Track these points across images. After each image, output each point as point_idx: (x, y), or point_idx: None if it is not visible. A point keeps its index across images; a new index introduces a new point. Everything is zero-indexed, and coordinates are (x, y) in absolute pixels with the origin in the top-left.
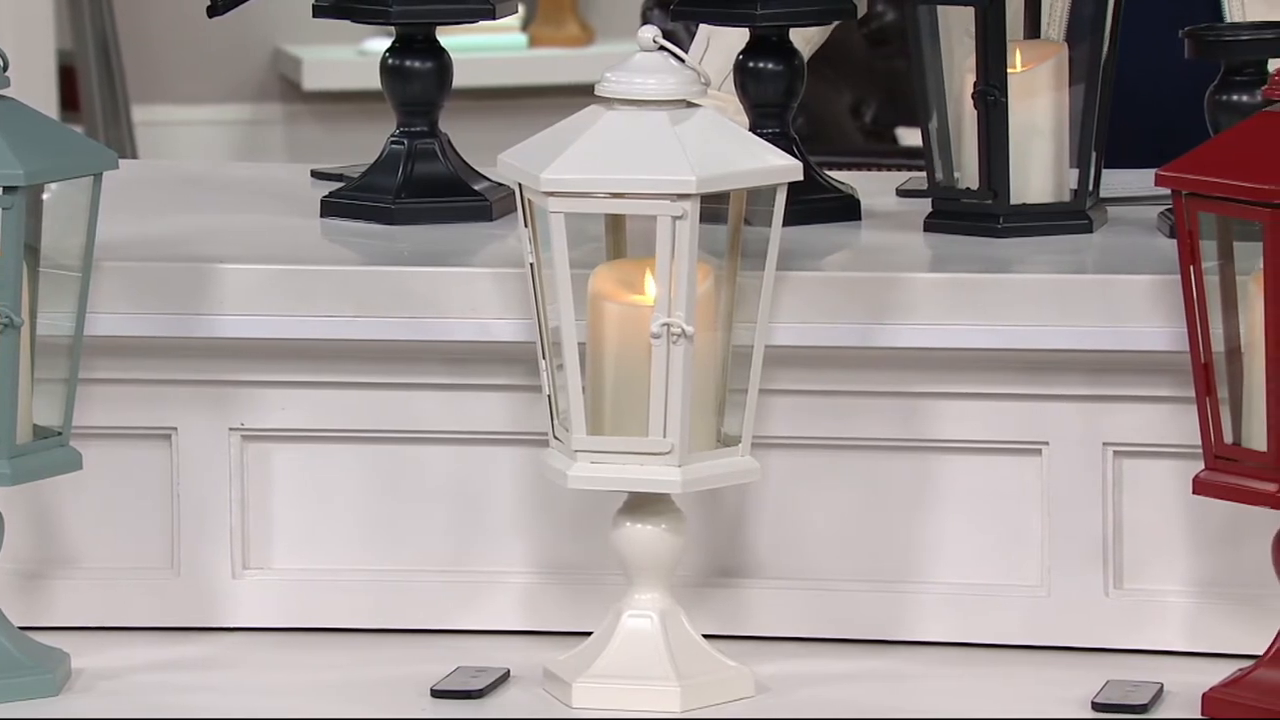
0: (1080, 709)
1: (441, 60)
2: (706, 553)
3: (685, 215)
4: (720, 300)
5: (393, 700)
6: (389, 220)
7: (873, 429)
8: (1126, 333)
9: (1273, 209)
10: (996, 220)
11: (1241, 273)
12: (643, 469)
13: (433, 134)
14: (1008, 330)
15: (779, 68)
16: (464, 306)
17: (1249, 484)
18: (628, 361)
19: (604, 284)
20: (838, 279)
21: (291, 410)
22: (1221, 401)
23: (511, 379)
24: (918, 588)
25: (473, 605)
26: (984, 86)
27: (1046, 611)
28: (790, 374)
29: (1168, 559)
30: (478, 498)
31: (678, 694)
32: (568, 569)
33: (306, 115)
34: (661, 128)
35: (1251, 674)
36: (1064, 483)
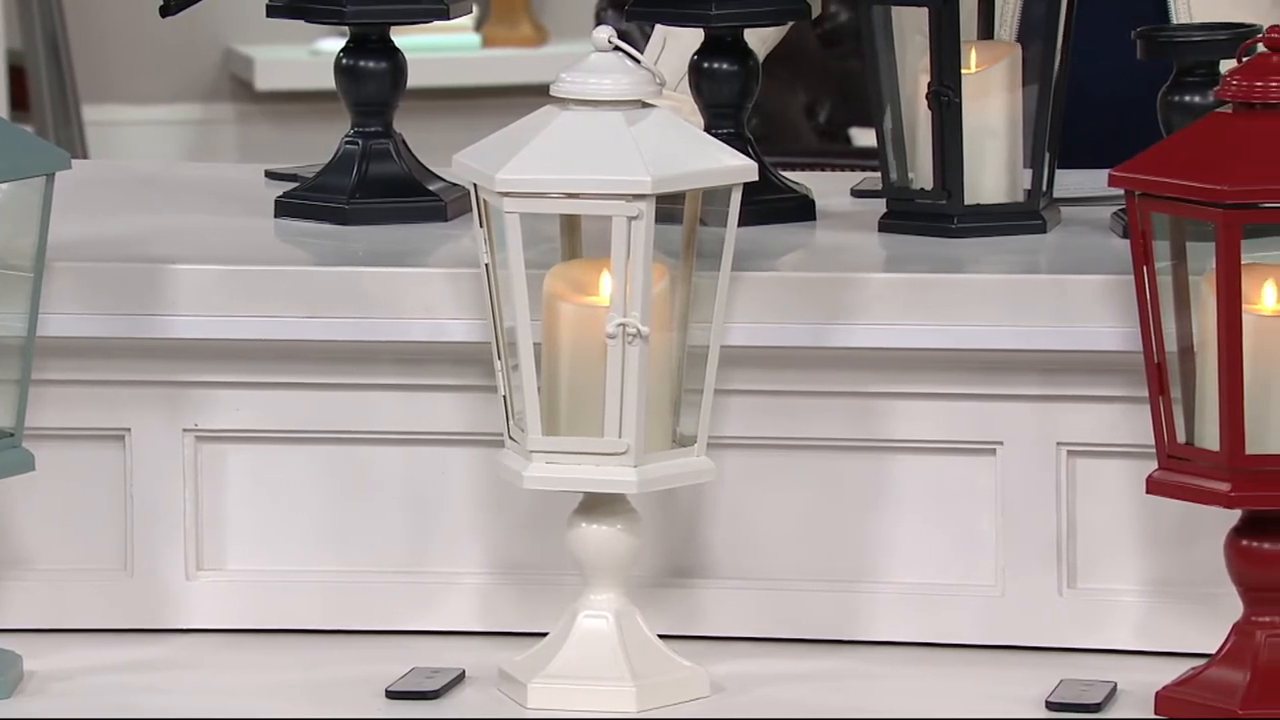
0: (1034, 708)
1: (396, 60)
2: (662, 553)
3: (640, 215)
4: (675, 300)
5: (348, 701)
6: (343, 220)
7: (827, 429)
8: (1080, 333)
9: (1225, 209)
10: (951, 220)
11: (1194, 273)
12: (598, 469)
13: (387, 134)
14: (962, 330)
15: (734, 68)
16: (419, 307)
17: (1202, 483)
18: (583, 362)
19: (559, 284)
20: (793, 279)
21: (245, 411)
22: (1174, 401)
23: (466, 379)
24: (872, 588)
25: (428, 606)
26: (938, 87)
27: (1001, 611)
28: (745, 374)
29: (1121, 558)
30: (433, 498)
31: (633, 694)
32: (523, 569)
33: (258, 115)
34: (617, 128)
35: (1204, 673)
36: (1018, 482)
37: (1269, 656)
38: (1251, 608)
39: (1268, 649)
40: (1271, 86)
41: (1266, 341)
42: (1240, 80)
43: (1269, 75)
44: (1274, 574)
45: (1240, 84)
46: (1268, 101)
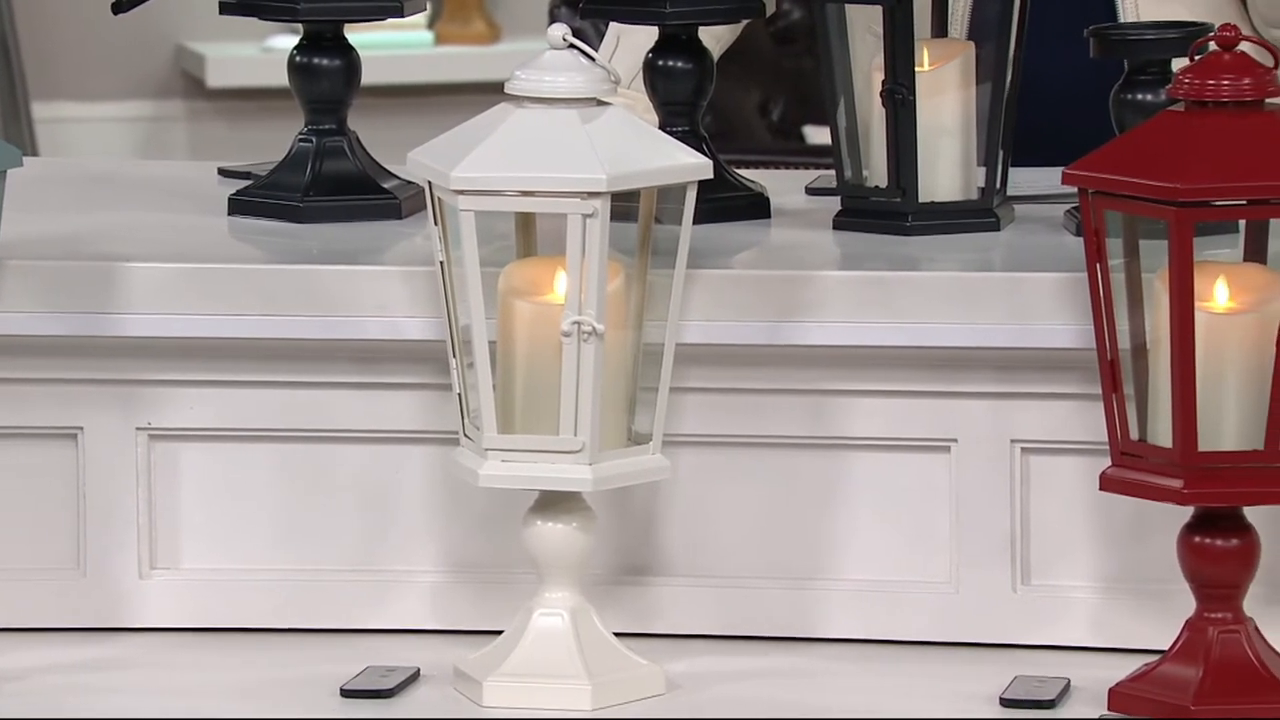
0: (988, 705)
1: (350, 58)
2: (617, 551)
3: (596, 213)
4: (631, 298)
5: (302, 700)
6: (297, 219)
7: (782, 427)
8: (1033, 330)
9: (1178, 207)
10: (905, 218)
11: (1147, 270)
12: (553, 467)
13: (341, 132)
14: (916, 328)
15: (688, 66)
16: (374, 305)
17: (1154, 480)
18: (538, 360)
19: (514, 282)
20: (747, 277)
21: (199, 409)
22: (1127, 398)
23: (421, 377)
24: (827, 585)
25: (383, 604)
26: (892, 85)
27: (955, 608)
28: (700, 372)
29: (1075, 555)
30: (388, 496)
31: (589, 692)
32: (478, 567)
33: (210, 112)
34: (571, 126)
35: (1157, 668)
36: (972, 480)
37: (1221, 652)
38: (1204, 604)
39: (1220, 645)
40: (1223, 85)
41: (1218, 339)
42: (1192, 79)
43: (1220, 74)
44: (1226, 570)
45: (1192, 82)
46: (1219, 100)
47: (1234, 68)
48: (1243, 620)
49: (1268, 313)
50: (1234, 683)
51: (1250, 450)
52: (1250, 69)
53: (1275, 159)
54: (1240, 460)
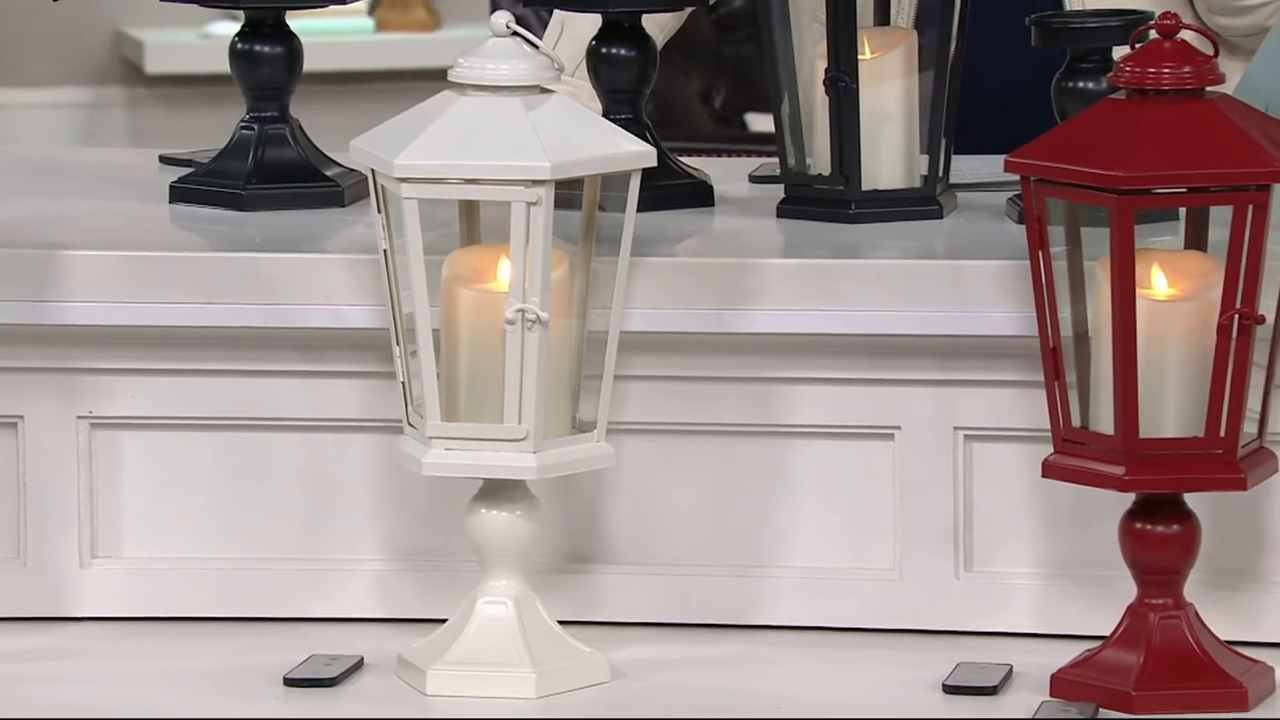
0: (931, 691)
1: (291, 45)
2: (561, 538)
3: (540, 201)
4: (575, 286)
5: (245, 689)
6: (239, 206)
7: (726, 414)
8: (976, 318)
9: (1119, 195)
10: (848, 206)
11: (1089, 258)
12: (498, 455)
13: (283, 119)
14: (859, 315)
15: (632, 54)
16: (317, 293)
17: (1096, 467)
18: (482, 348)
19: (458, 270)
20: (691, 264)
21: (141, 398)
22: (1069, 385)
23: (365, 365)
24: (771, 572)
25: (326, 593)
26: (835, 73)
27: (898, 594)
28: (644, 359)
29: (1017, 542)
30: (331, 485)
31: (533, 680)
32: (422, 556)
33: (149, 99)
34: (515, 114)
35: (1099, 654)
36: (915, 467)
37: (1162, 638)
38: (1145, 590)
39: (1161, 631)
40: (1164, 73)
41: (1159, 326)
42: (1133, 67)
43: (1161, 62)
44: (1167, 557)
45: (1133, 71)
46: (1160, 88)
47: (1175, 56)
48: (1183, 606)
49: (1208, 300)
50: (1175, 668)
51: (1191, 437)
52: (1191, 57)
53: (1215, 147)
54: (1181, 447)
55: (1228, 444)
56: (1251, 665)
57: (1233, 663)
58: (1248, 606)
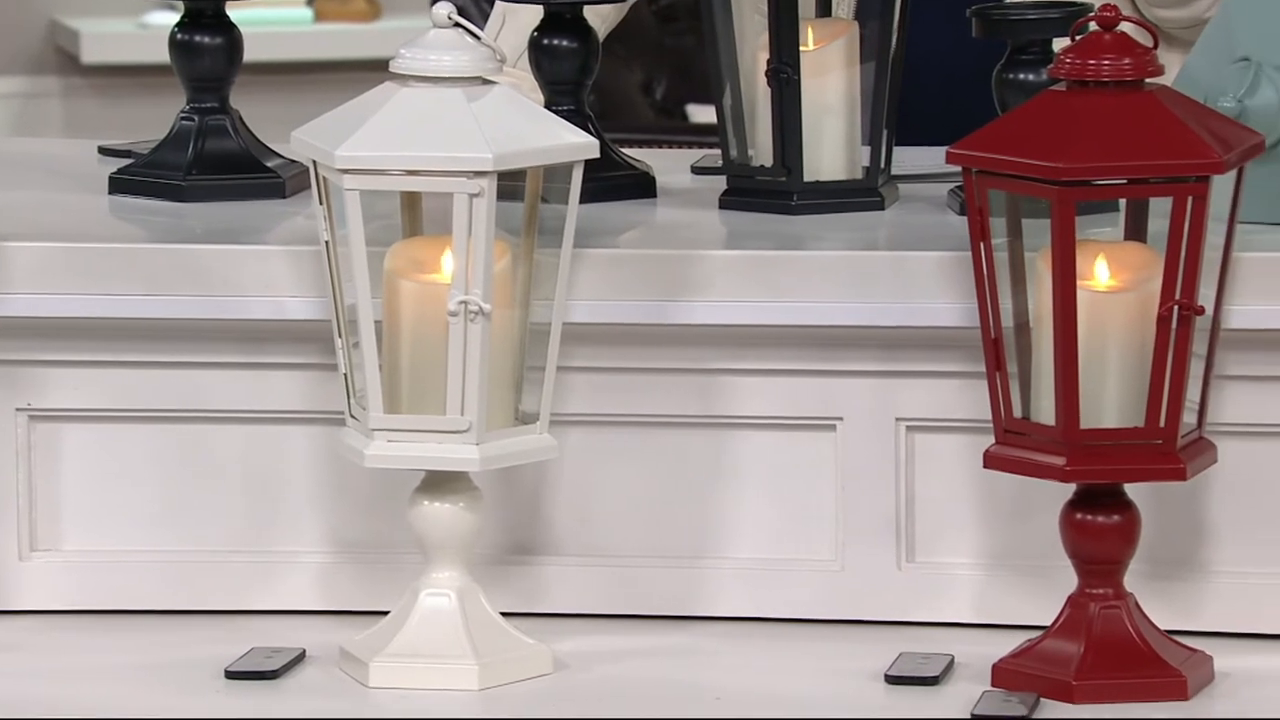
0: (873, 681)
1: (231, 35)
2: (504, 530)
3: (482, 193)
4: (517, 278)
5: (186, 682)
6: (179, 197)
7: (669, 405)
8: (918, 309)
9: (1060, 186)
10: (790, 198)
11: (1030, 249)
12: (440, 447)
13: (223, 110)
14: (801, 307)
15: (574, 45)
16: (258, 284)
17: (1037, 458)
18: (425, 339)
19: (400, 262)
20: (634, 256)
21: (80, 390)
22: (1011, 376)
23: (307, 357)
24: (713, 563)
25: (268, 585)
26: (776, 64)
27: (840, 585)
28: (587, 351)
29: (959, 532)
30: (273, 477)
31: (475, 672)
32: (364, 548)
33: (85, 89)
34: (457, 105)
35: (1039, 644)
36: (857, 458)
37: (1102, 628)
38: (1085, 580)
39: (1101, 620)
40: (1104, 65)
41: (1100, 317)
42: (1073, 58)
43: (1101, 53)
44: (1107, 547)
45: (1073, 62)
46: (1100, 80)
47: (1114, 48)
48: (1123, 596)
49: (1148, 291)
50: (1115, 658)
51: (1131, 427)
52: (1130, 49)
53: (1155, 139)
54: (1121, 437)
55: (1167, 434)
56: (1191, 654)
57: (1172, 652)
58: (1187, 596)
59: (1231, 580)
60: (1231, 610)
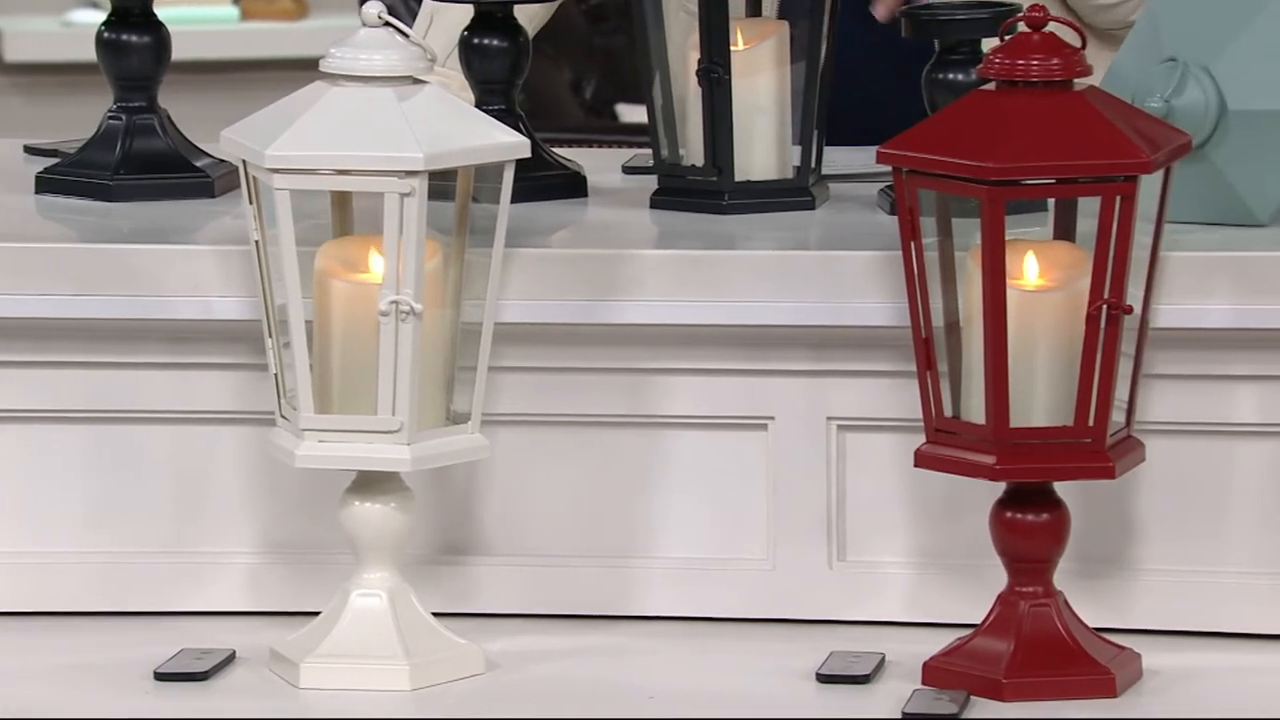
0: (805, 680)
1: (159, 34)
2: (435, 530)
3: (413, 192)
4: (449, 277)
5: (115, 684)
6: (107, 197)
7: (600, 405)
8: (848, 308)
9: (989, 186)
10: (721, 197)
11: (960, 248)
12: (371, 447)
13: (152, 109)
14: (733, 306)
15: (504, 44)
16: (187, 284)
17: (968, 456)
18: (355, 339)
19: (330, 262)
20: (565, 255)
21: (8, 390)
22: (941, 375)
23: (236, 357)
24: (645, 563)
25: (197, 586)
26: (707, 64)
27: (771, 584)
28: (518, 351)
29: (890, 531)
30: (202, 478)
31: (407, 672)
32: (295, 548)
33: (8, 88)
34: (388, 104)
35: (970, 643)
36: (788, 457)
37: (1032, 626)
38: (1015, 578)
39: (1031, 619)
40: (1033, 65)
41: (1029, 316)
42: (1002, 59)
43: (1030, 54)
44: (1037, 545)
45: (1002, 62)
46: (1029, 80)
47: (1043, 48)
48: (1053, 594)
49: (1076, 290)
50: (1044, 656)
51: (1060, 426)
52: (1059, 49)
53: (1084, 138)
54: (1050, 436)
55: (1096, 433)
56: (1119, 652)
57: (1101, 649)
58: (1115, 594)
59: (1159, 578)
60: (1159, 607)
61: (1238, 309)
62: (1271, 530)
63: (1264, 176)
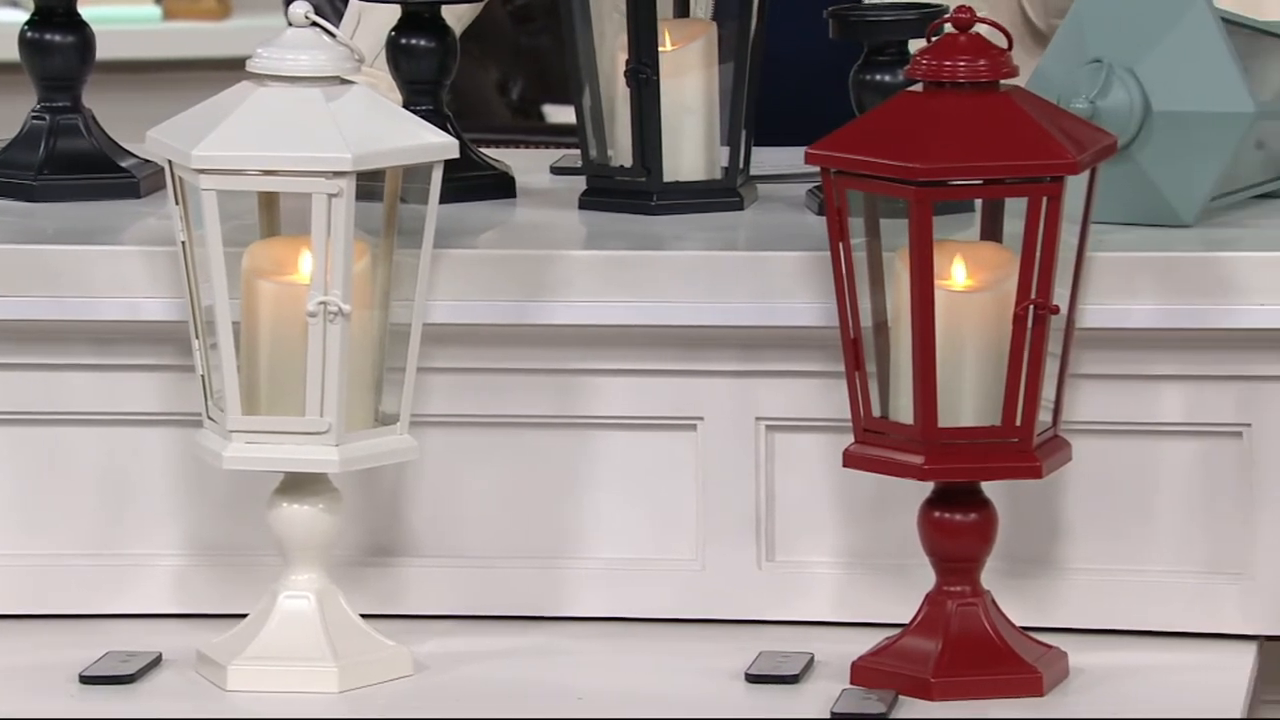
0: (734, 680)
1: (83, 34)
2: (364, 532)
3: (341, 193)
4: (377, 278)
5: (40, 688)
6: (30, 197)
7: (529, 406)
8: (777, 309)
9: (917, 187)
10: (650, 198)
11: (888, 249)
12: (299, 449)
13: (76, 109)
14: (661, 307)
15: (432, 45)
16: (112, 285)
17: (896, 456)
18: (283, 341)
19: (258, 262)
20: (494, 256)
21: None
22: (870, 376)
23: (163, 359)
24: (574, 563)
25: (122, 589)
26: (635, 65)
27: (700, 585)
28: (447, 352)
29: (818, 531)
30: (128, 480)
31: (335, 674)
32: (222, 550)
33: None
34: (315, 105)
35: (898, 642)
36: (717, 458)
37: (960, 625)
38: (943, 578)
39: (959, 618)
40: (960, 66)
41: (957, 316)
42: (929, 60)
43: (957, 55)
44: (964, 545)
45: (929, 64)
46: (956, 81)
47: (970, 49)
48: (980, 594)
49: (1004, 290)
50: (972, 655)
51: (988, 426)
52: (985, 51)
53: (1010, 139)
54: (978, 436)
55: (1023, 433)
56: (1046, 651)
57: (1028, 648)
58: (1042, 593)
59: (1086, 577)
60: (1086, 606)
61: (1163, 309)
62: (1196, 529)
63: (1188, 177)
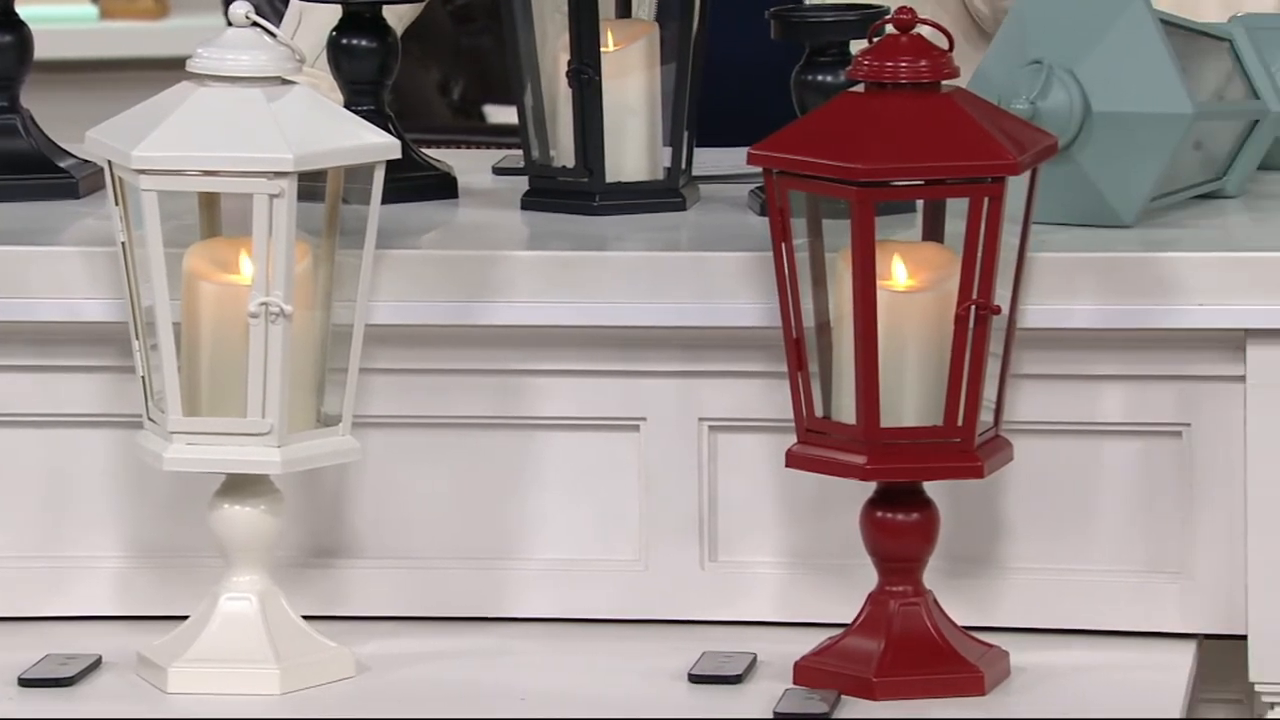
0: (677, 680)
1: (21, 33)
2: (306, 533)
3: (282, 193)
4: (319, 279)
5: None
6: None
7: (471, 407)
8: (720, 309)
9: (859, 187)
10: (592, 198)
11: (830, 249)
12: (241, 450)
13: (14, 109)
14: (604, 308)
15: (373, 45)
16: (51, 286)
17: (838, 456)
18: (225, 341)
19: (199, 263)
20: (436, 257)
21: None
22: (812, 376)
23: (102, 360)
24: (517, 564)
25: (62, 591)
26: (577, 65)
27: (643, 585)
28: (389, 353)
29: (761, 531)
30: (67, 481)
31: (277, 676)
32: (163, 552)
33: None
34: (256, 105)
35: (841, 642)
36: (660, 458)
37: (902, 625)
38: (885, 578)
39: (901, 618)
40: (901, 67)
41: (899, 317)
42: (871, 61)
43: (898, 56)
44: (907, 545)
45: (871, 64)
46: (898, 81)
47: (911, 50)
48: (923, 593)
49: (945, 291)
50: (914, 654)
51: (930, 426)
52: (927, 51)
53: (952, 140)
54: (920, 436)
55: (965, 433)
56: (987, 650)
57: (970, 648)
58: (984, 592)
59: (1027, 576)
60: (1027, 606)
61: (1103, 309)
62: (1137, 528)
63: (1128, 177)
